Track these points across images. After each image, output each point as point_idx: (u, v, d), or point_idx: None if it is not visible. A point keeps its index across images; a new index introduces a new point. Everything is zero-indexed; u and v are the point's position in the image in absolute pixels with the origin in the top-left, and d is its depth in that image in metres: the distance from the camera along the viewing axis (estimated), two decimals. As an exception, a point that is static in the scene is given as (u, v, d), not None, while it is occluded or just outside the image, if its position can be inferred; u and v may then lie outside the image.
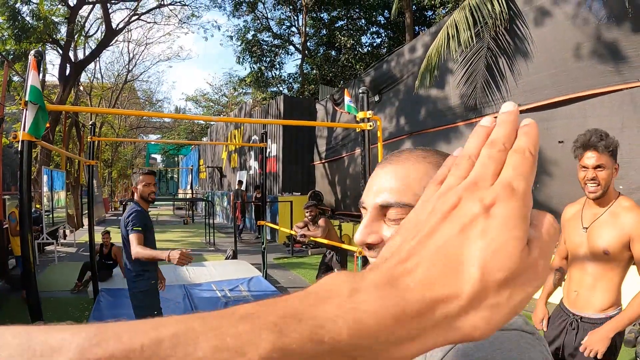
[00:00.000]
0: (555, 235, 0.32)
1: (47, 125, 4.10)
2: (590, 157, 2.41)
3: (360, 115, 4.51)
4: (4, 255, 8.04)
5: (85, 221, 17.87)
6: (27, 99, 3.17)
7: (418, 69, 8.95)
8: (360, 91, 4.63)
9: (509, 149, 0.33)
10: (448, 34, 7.68)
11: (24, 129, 3.20)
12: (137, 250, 3.59)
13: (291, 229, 8.24)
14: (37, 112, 3.21)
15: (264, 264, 8.38)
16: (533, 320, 2.75)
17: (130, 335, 0.25)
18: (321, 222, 6.28)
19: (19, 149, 3.25)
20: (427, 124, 9.38)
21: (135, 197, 4.02)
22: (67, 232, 14.55)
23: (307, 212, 6.53)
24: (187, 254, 3.45)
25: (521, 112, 7.00)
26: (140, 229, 3.69)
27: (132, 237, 3.65)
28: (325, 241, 6.04)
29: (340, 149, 13.14)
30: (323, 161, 14.44)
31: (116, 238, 8.53)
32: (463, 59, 8.12)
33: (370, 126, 4.47)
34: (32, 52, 3.28)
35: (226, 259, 10.37)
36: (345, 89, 6.38)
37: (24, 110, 3.20)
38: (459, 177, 0.34)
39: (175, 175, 39.41)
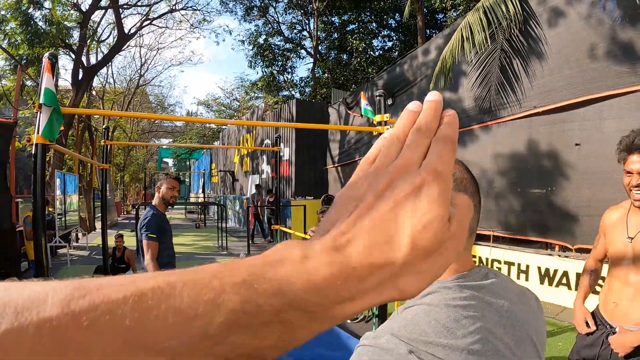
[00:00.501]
0: (470, 212, 0.38)
1: (61, 128, 4.09)
2: (636, 162, 2.25)
3: (377, 118, 4.45)
4: (16, 258, 8.08)
5: (98, 224, 18.01)
6: (41, 102, 3.14)
7: (431, 72, 8.88)
8: (377, 94, 4.56)
9: (432, 135, 0.38)
10: (462, 35, 7.61)
11: (38, 132, 3.16)
12: (149, 262, 3.63)
13: (305, 233, 8.17)
14: (51, 115, 3.18)
15: (277, 268, 8.32)
16: (576, 324, 2.63)
17: (113, 289, 0.27)
18: None
19: (33, 152, 3.22)
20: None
21: (155, 198, 4.05)
22: (80, 235, 14.64)
23: (321, 216, 6.45)
24: None
25: (537, 114, 6.93)
26: (154, 236, 3.70)
27: (145, 244, 3.68)
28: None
29: (353, 153, 13.07)
30: (336, 165, 14.39)
31: (129, 241, 8.54)
32: (477, 61, 8.05)
33: (388, 129, 4.39)
34: (47, 54, 3.25)
35: (239, 263, 10.28)
36: (362, 92, 6.31)
37: (38, 113, 3.17)
38: (390, 158, 0.38)
39: (187, 179, 39.49)
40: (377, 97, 4.55)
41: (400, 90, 10.58)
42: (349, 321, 6.08)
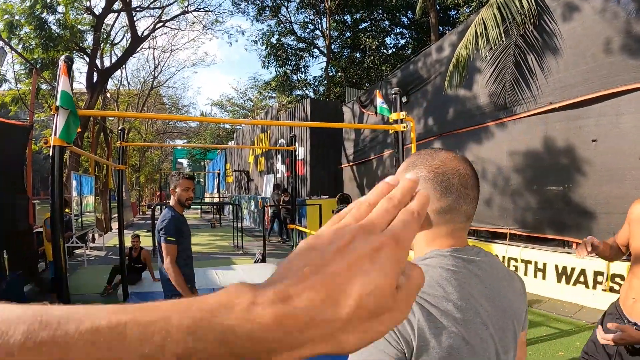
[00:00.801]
0: (420, 286, 0.40)
1: (78, 130, 4.11)
2: None
3: (393, 116, 4.42)
4: (34, 259, 8.18)
5: (114, 225, 18.16)
6: (58, 104, 3.16)
7: (446, 69, 8.82)
8: (393, 92, 4.53)
9: (402, 207, 0.41)
10: (476, 32, 7.56)
11: (55, 134, 3.20)
12: (169, 266, 3.60)
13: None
14: (68, 117, 3.20)
15: (295, 267, 8.32)
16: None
17: (70, 325, 0.29)
18: None
19: (50, 154, 3.25)
20: (456, 124, 9.20)
21: (172, 200, 3.98)
22: (96, 235, 14.77)
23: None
24: None
25: (552, 110, 6.84)
26: (173, 239, 3.67)
27: (165, 248, 3.64)
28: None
29: (368, 151, 13.03)
30: (351, 164, 14.34)
31: (145, 242, 8.60)
32: (491, 57, 7.97)
33: (404, 127, 4.37)
34: (62, 57, 3.27)
35: (255, 262, 10.37)
36: (377, 90, 6.27)
37: (55, 115, 3.19)
38: (356, 218, 0.40)
39: (202, 180, 39.66)
40: (393, 95, 4.52)
41: (415, 88, 10.51)
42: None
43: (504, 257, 7.68)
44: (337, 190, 14.14)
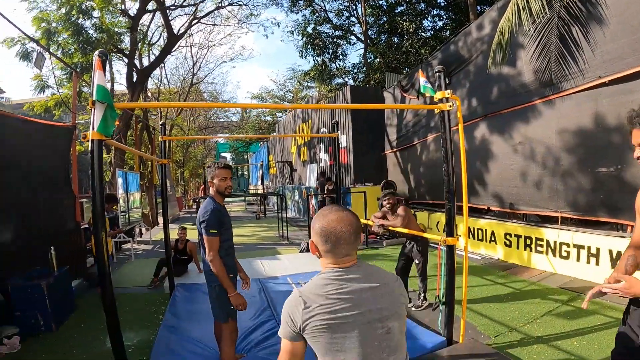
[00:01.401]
0: None
1: (117, 123, 4.13)
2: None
3: (438, 95, 4.24)
4: (82, 254, 8.38)
5: (160, 219, 18.50)
6: (94, 99, 3.15)
7: (487, 47, 8.53)
8: (436, 70, 4.35)
9: None
10: (518, 5, 7.21)
11: (93, 128, 3.21)
12: (211, 258, 3.62)
13: (366, 218, 8.04)
14: (105, 111, 3.19)
15: (340, 256, 8.21)
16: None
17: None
18: (400, 210, 5.99)
19: (90, 148, 3.24)
20: (501, 104, 8.86)
21: (211, 191, 3.97)
22: (143, 230, 15.07)
23: (385, 200, 6.26)
24: (245, 303, 3.61)
25: (602, 85, 6.49)
26: (215, 231, 3.65)
27: (208, 241, 3.65)
28: (405, 231, 5.75)
29: (411, 136, 12.77)
30: (394, 150, 14.10)
31: (191, 234, 8.69)
32: (534, 31, 7.60)
33: (450, 106, 4.21)
34: (97, 52, 3.25)
35: (300, 252, 10.35)
36: (420, 70, 6.06)
37: (92, 110, 3.18)
38: None
39: (246, 172, 40.02)
40: (437, 74, 4.34)
41: (456, 69, 10.18)
42: (413, 309, 5.96)
43: (555, 242, 7.38)
44: (381, 177, 13.96)
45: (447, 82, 4.42)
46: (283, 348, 1.78)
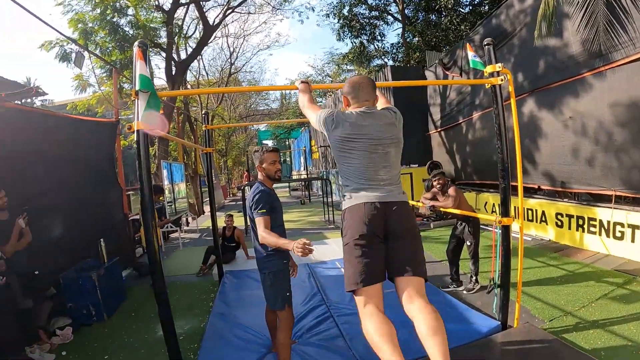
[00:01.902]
0: None
1: (161, 112, 4.14)
2: None
3: (488, 69, 4.08)
4: (131, 245, 8.59)
5: (206, 208, 18.82)
6: (137, 89, 3.14)
7: (531, 19, 8.21)
8: (485, 43, 4.16)
9: None
10: (562, -27, 6.86)
11: (137, 119, 3.19)
12: (263, 235, 3.49)
13: (413, 200, 7.90)
14: (149, 100, 3.18)
15: (388, 239, 8.10)
16: None
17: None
18: (451, 191, 5.85)
19: (135, 139, 3.24)
20: (548, 78, 8.50)
21: (259, 176, 3.90)
22: (190, 219, 15.34)
23: (435, 181, 6.11)
24: (309, 246, 3.22)
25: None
26: (265, 211, 3.58)
27: (258, 221, 3.55)
28: (457, 211, 5.61)
29: (456, 115, 12.50)
30: (439, 129, 13.84)
31: (237, 221, 8.76)
32: (578, 1, 7.20)
33: (502, 80, 4.03)
34: (136, 43, 3.23)
35: (347, 235, 10.22)
36: (467, 44, 5.82)
37: (136, 100, 3.17)
38: None
39: (288, 159, 40.18)
40: (486, 47, 4.15)
41: (500, 43, 9.79)
42: (465, 292, 5.85)
43: (608, 222, 7.07)
44: (426, 158, 13.73)
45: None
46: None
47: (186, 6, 17.36)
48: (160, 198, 11.48)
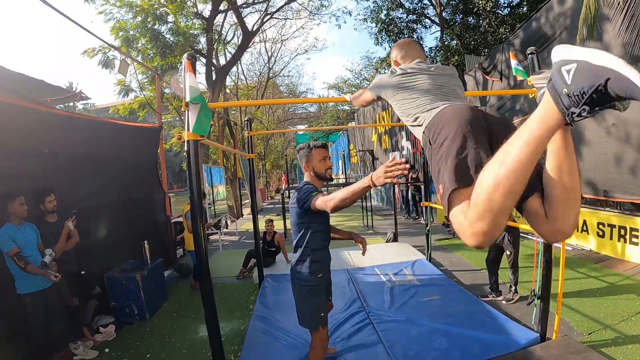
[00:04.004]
0: None
1: (211, 122, 4.19)
2: None
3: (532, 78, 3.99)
4: (173, 247, 8.76)
5: (245, 211, 19.00)
6: (187, 100, 3.19)
7: (570, 22, 8.01)
8: (529, 52, 4.09)
9: None
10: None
11: (188, 129, 3.25)
12: (326, 200, 2.94)
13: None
14: (199, 111, 3.24)
15: (429, 246, 8.12)
16: None
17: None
18: None
19: (186, 149, 3.29)
20: (590, 82, 8.21)
21: (306, 177, 3.49)
22: (229, 222, 15.51)
23: None
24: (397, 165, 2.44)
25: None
26: (316, 192, 3.17)
27: (314, 202, 3.06)
28: (498, 220, 5.48)
29: (497, 120, 12.18)
30: (478, 135, 13.48)
31: (278, 225, 8.81)
32: (618, 3, 6.99)
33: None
34: (185, 55, 3.29)
35: (387, 241, 10.25)
36: (511, 51, 5.74)
37: (186, 111, 3.24)
38: None
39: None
40: (529, 55, 4.08)
41: (540, 47, 9.59)
42: (504, 302, 5.76)
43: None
44: (466, 164, 13.48)
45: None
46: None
47: (225, 13, 17.66)
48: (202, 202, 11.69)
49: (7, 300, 4.23)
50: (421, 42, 24.71)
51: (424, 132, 2.04)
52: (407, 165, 2.41)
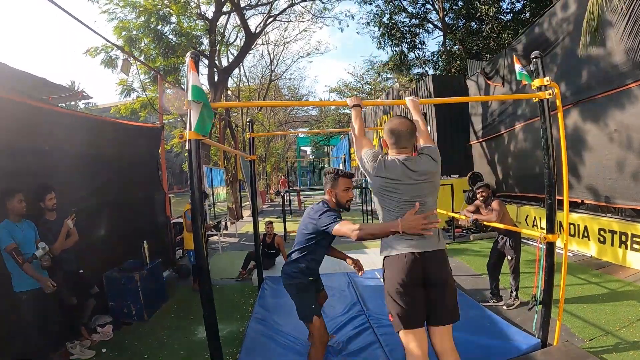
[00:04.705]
0: None
1: (213, 121, 4.17)
2: None
3: (536, 82, 4.00)
4: (172, 248, 8.73)
5: (244, 213, 18.97)
6: (190, 99, 3.16)
7: (574, 28, 8.01)
8: (533, 56, 4.07)
9: None
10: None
11: (189, 128, 3.22)
12: (353, 229, 2.88)
13: (454, 212, 7.78)
14: (201, 110, 3.20)
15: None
16: None
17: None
18: (495, 204, 5.73)
19: (187, 148, 3.26)
20: (591, 89, 8.26)
21: (327, 198, 3.63)
22: (229, 223, 15.48)
23: (479, 193, 6.01)
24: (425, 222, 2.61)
25: None
26: (337, 215, 3.28)
27: (338, 228, 3.05)
28: (500, 225, 5.50)
29: (497, 126, 12.28)
30: (480, 140, 13.59)
31: (278, 227, 8.76)
32: (621, 8, 6.97)
33: (549, 94, 3.92)
34: (189, 54, 3.26)
35: (387, 245, 10.12)
36: (515, 56, 5.73)
37: (188, 110, 3.21)
38: None
39: (327, 166, 40.21)
40: (534, 59, 4.06)
41: (543, 52, 9.56)
42: (505, 307, 5.73)
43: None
44: (467, 168, 13.51)
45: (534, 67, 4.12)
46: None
47: (228, 14, 17.69)
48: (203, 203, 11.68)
49: (3, 298, 4.21)
50: (423, 47, 24.91)
51: (383, 260, 3.10)
52: (438, 223, 2.76)
